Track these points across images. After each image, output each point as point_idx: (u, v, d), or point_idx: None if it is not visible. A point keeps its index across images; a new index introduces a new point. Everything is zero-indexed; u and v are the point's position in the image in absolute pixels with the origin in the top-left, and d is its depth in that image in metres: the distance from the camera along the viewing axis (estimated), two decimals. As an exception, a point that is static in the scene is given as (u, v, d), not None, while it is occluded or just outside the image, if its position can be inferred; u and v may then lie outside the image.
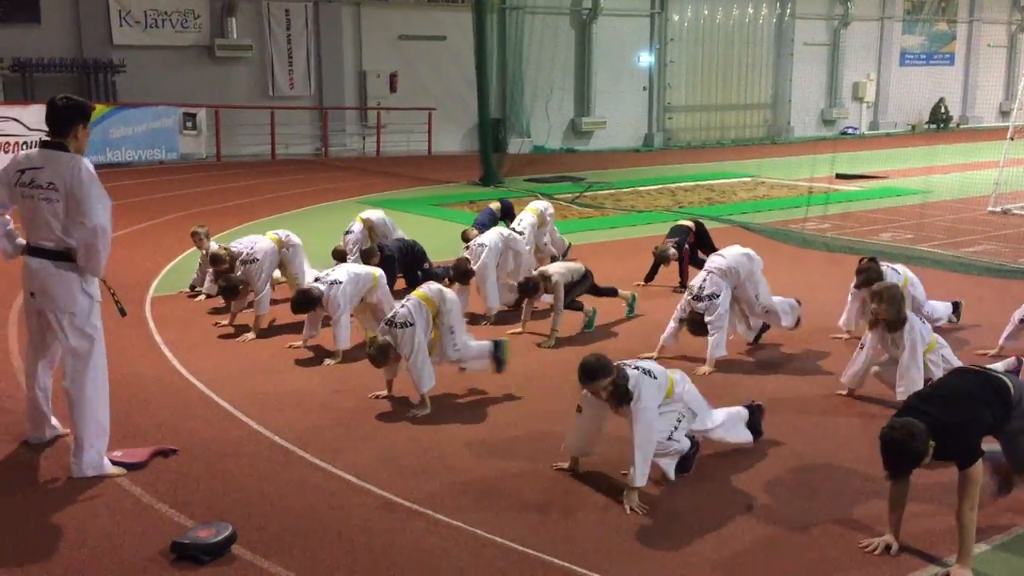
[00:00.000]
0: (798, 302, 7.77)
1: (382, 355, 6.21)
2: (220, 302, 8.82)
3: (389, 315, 6.46)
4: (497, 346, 6.72)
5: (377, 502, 4.96)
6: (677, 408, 5.18)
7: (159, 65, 20.97)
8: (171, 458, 5.44)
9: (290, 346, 7.71)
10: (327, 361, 7.33)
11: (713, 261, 7.44)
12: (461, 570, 4.29)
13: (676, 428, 5.14)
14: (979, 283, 9.99)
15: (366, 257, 8.84)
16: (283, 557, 4.37)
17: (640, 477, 4.87)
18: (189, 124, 20.66)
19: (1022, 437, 4.55)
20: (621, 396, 4.94)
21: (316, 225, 13.20)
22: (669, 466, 5.14)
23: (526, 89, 24.55)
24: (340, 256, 9.78)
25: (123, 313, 5.56)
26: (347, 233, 10.29)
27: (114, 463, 5.23)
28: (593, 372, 4.92)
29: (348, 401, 6.50)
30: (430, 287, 6.60)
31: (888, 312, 6.10)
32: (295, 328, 7.98)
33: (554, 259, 10.12)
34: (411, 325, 6.23)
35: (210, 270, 9.00)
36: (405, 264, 9.43)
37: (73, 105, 5.05)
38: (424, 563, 4.34)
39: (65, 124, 4.99)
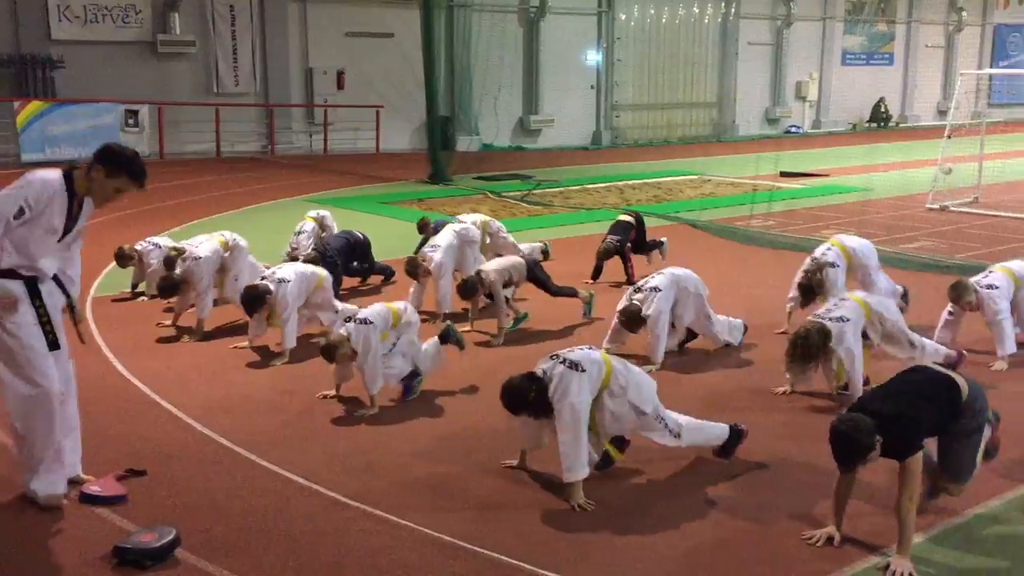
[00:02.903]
0: (745, 326, 7.80)
1: (334, 349, 6.17)
2: (165, 303, 8.69)
3: (351, 312, 6.44)
4: (447, 333, 6.80)
5: (325, 503, 4.92)
6: (608, 404, 5.07)
7: (99, 61, 20.53)
8: (112, 462, 5.33)
9: (235, 347, 7.62)
10: (274, 362, 7.26)
11: (669, 268, 7.54)
12: (409, 569, 4.27)
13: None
14: (918, 279, 10.21)
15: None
16: (229, 560, 4.32)
17: (568, 472, 4.86)
18: (131, 121, 20.26)
19: (963, 443, 4.65)
20: (542, 410, 4.96)
21: (263, 223, 13.06)
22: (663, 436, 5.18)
23: (474, 87, 24.50)
24: (293, 259, 9.68)
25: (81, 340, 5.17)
26: (298, 233, 10.20)
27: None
28: (515, 404, 4.97)
29: (296, 402, 6.44)
30: (399, 304, 6.59)
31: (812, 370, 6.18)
32: (240, 329, 7.90)
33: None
34: (371, 323, 6.21)
35: (149, 270, 8.93)
36: (347, 260, 9.38)
37: (103, 148, 4.69)
38: (372, 563, 4.32)
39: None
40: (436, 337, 6.81)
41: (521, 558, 4.35)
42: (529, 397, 4.91)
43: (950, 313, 7.39)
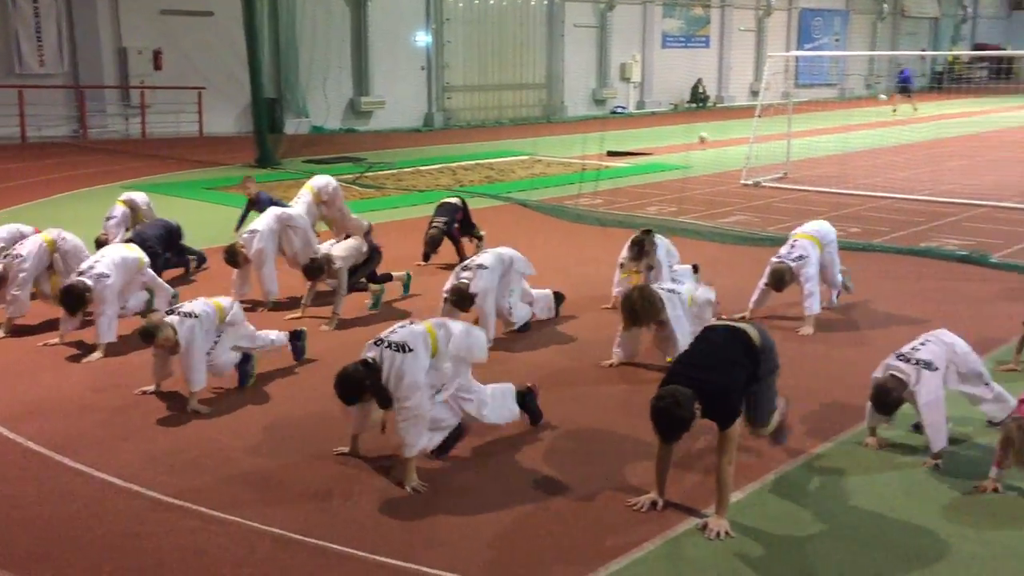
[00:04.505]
0: (556, 296, 7.98)
1: (155, 331, 5.89)
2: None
3: (176, 304, 6.20)
4: (296, 336, 6.72)
5: (145, 504, 4.71)
6: (443, 368, 5.12)
7: None
8: (-95, 475, 4.92)
9: (45, 344, 7.17)
10: (88, 358, 6.88)
11: (495, 248, 7.61)
12: (238, 565, 4.16)
13: (435, 394, 5.13)
14: (734, 251, 10.76)
15: None
16: (40, 572, 4.07)
17: (409, 448, 4.87)
18: (-81, 105, 18.64)
19: (762, 389, 4.92)
20: (384, 400, 4.94)
21: (76, 212, 12.31)
22: (433, 439, 5.11)
23: (301, 68, 23.88)
24: (103, 246, 9.19)
25: None
26: (108, 219, 9.72)
27: None
28: (350, 395, 4.90)
29: (112, 400, 6.12)
30: (226, 299, 6.39)
31: (645, 321, 6.42)
32: (50, 326, 7.43)
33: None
34: (195, 318, 5.98)
35: None
36: (167, 249, 9.02)
37: None
38: (197, 562, 4.18)
39: None
40: (287, 333, 6.76)
41: (354, 545, 4.32)
42: (364, 386, 4.86)
43: (765, 284, 7.83)
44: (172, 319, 5.97)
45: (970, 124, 26.55)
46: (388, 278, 8.59)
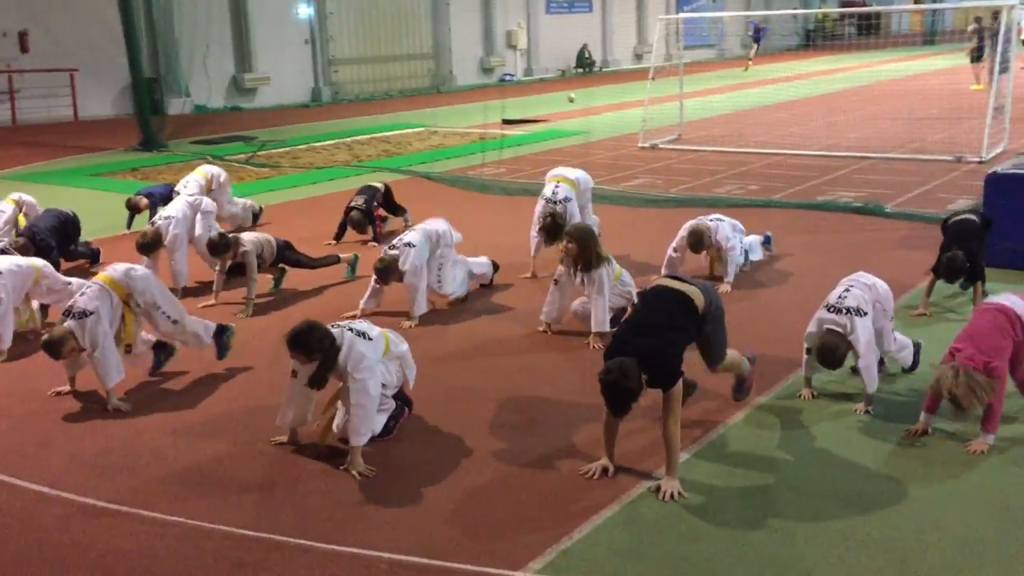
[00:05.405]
0: (495, 265, 7.97)
1: (58, 346, 5.57)
2: None
3: (68, 304, 5.82)
4: (223, 330, 6.37)
5: (78, 510, 4.46)
6: (393, 368, 5.14)
7: None
8: None
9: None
10: (-10, 362, 6.49)
11: (425, 221, 7.50)
12: (187, 566, 3.98)
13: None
14: (640, 214, 10.89)
15: (21, 253, 7.85)
16: (-27, 592, 3.82)
17: (359, 437, 4.78)
18: None
19: (713, 338, 5.02)
20: (327, 365, 4.83)
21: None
22: (378, 421, 5.04)
23: (181, 45, 22.93)
24: (-16, 242, 8.66)
25: None
26: (-8, 214, 9.21)
27: None
28: (306, 346, 4.79)
29: (25, 404, 5.78)
30: (115, 268, 6.02)
31: (579, 252, 6.43)
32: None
33: (241, 228, 9.78)
34: (91, 314, 5.63)
35: None
36: (62, 240, 8.58)
37: None
38: (143, 566, 3.98)
39: None
40: (215, 325, 6.37)
41: (309, 536, 4.19)
42: (322, 344, 4.78)
43: (675, 250, 7.93)
44: (69, 324, 5.61)
45: (844, 80, 27.55)
46: (335, 261, 8.42)
